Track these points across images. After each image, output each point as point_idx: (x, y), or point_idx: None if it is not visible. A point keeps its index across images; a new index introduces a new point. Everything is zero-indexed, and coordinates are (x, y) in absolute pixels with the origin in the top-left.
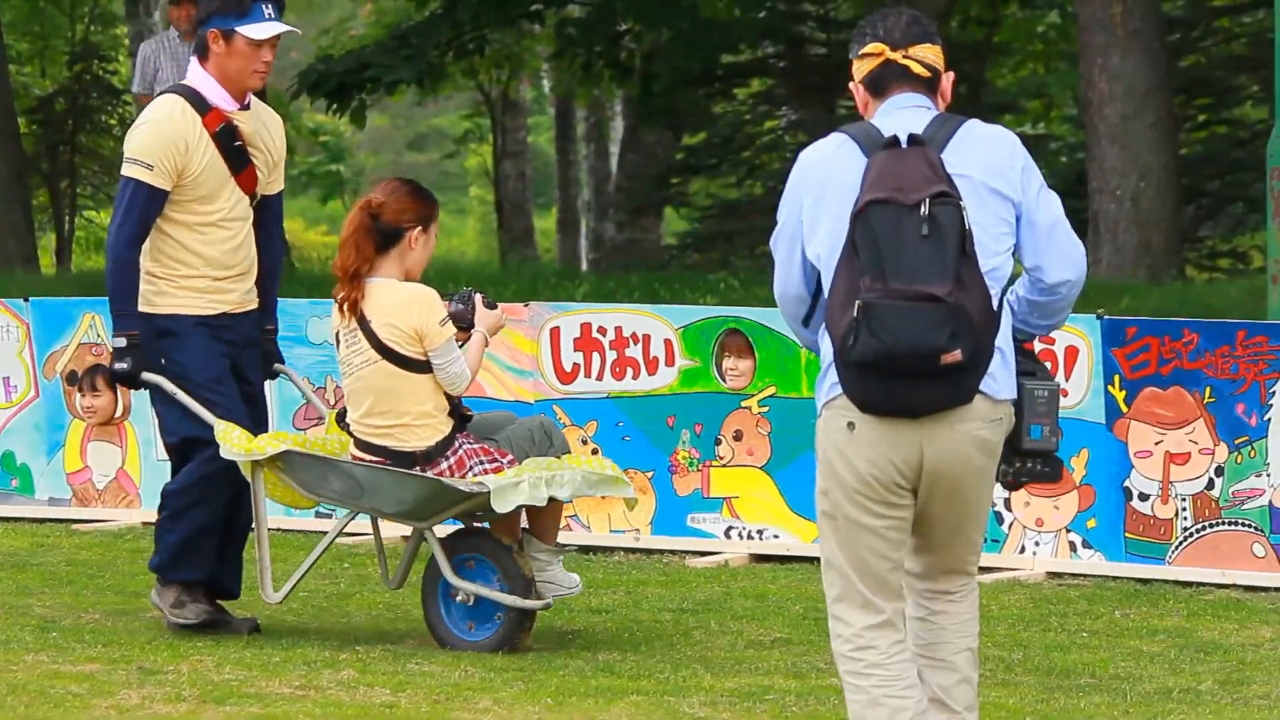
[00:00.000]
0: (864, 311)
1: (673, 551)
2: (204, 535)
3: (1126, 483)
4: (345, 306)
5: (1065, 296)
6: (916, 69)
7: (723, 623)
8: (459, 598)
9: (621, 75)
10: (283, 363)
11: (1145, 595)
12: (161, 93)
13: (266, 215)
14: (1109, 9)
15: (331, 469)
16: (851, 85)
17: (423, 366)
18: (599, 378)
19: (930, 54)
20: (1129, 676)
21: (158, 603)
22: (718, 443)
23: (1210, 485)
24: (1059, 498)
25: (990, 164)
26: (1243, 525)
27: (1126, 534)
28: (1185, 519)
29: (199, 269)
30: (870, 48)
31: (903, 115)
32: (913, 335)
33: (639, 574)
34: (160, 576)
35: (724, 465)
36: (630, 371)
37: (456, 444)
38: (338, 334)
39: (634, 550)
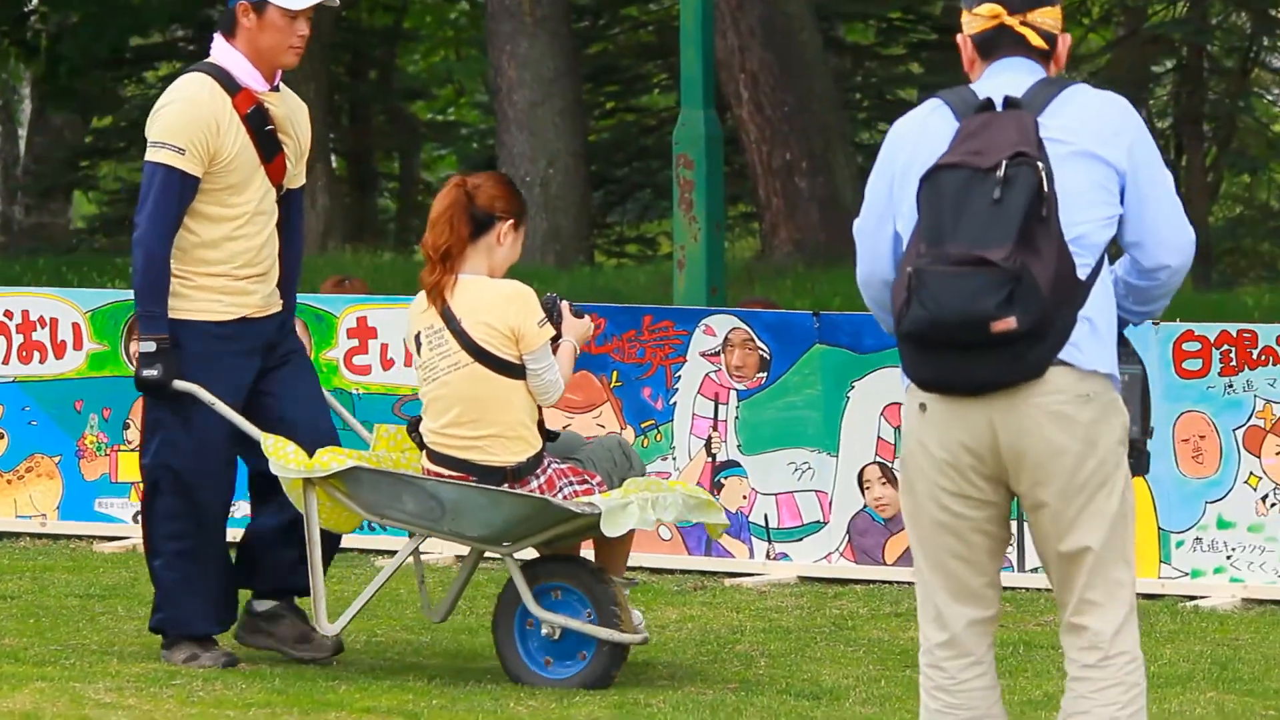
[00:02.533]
0: (913, 279)
1: (80, 537)
2: (205, 576)
3: None
4: (432, 294)
5: (1164, 284)
6: (1034, 40)
7: (130, 608)
8: (544, 630)
9: (28, 55)
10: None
11: None
12: (184, 71)
13: (290, 210)
14: None
15: (407, 488)
16: (959, 37)
17: (517, 371)
18: (4, 362)
19: (1050, 19)
20: None
21: (170, 661)
22: (126, 427)
23: None
24: None
25: (1093, 129)
26: None
27: None
28: None
29: (221, 267)
30: (985, 9)
31: (1006, 78)
32: (958, 301)
33: (46, 559)
34: (164, 635)
35: (133, 450)
36: (38, 355)
37: (545, 462)
38: (418, 335)
39: (41, 536)
